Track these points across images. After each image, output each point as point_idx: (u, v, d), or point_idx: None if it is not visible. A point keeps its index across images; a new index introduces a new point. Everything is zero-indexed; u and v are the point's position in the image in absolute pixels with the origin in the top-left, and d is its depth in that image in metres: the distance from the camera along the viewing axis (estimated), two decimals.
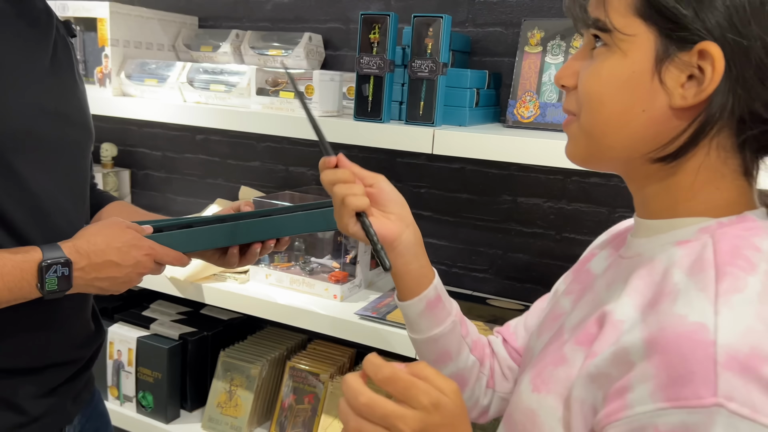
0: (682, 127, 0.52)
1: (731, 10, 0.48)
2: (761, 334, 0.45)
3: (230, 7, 1.70)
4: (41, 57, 0.81)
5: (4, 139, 0.74)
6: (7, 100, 0.74)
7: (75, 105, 0.87)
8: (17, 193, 0.76)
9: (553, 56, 1.26)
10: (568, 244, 1.42)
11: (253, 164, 1.74)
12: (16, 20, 0.78)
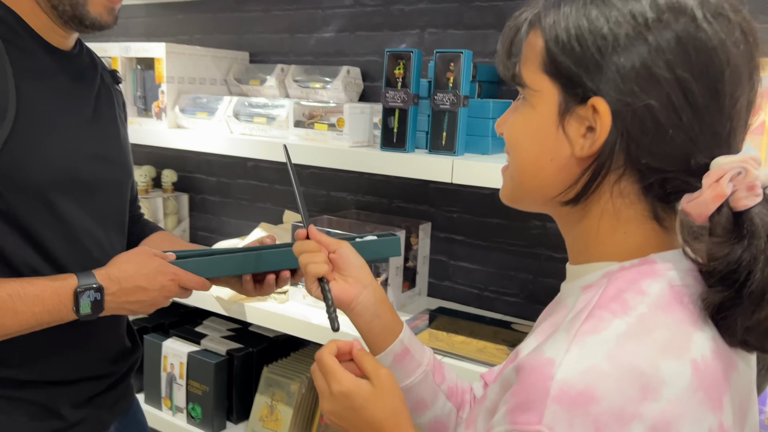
0: (582, 177, 0.56)
1: (619, 73, 0.51)
2: (602, 374, 0.47)
3: (278, 42, 1.82)
4: (84, 107, 0.93)
5: (47, 182, 0.85)
6: (49, 149, 0.85)
7: (114, 147, 0.99)
8: (57, 227, 0.87)
9: None
10: None
11: None
12: (61, 76, 0.90)
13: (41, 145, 0.84)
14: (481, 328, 1.40)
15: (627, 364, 0.47)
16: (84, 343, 0.94)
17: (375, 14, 1.65)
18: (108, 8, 0.89)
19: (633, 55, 0.51)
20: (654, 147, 0.52)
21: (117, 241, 0.99)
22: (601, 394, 0.46)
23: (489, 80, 1.44)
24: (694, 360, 0.49)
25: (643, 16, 0.51)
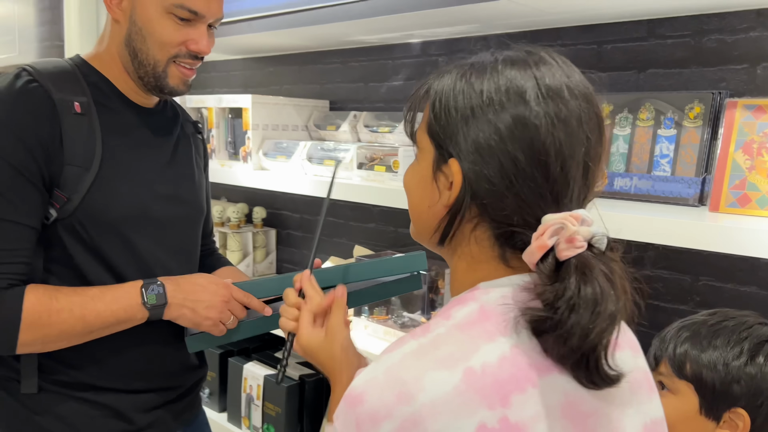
0: (441, 221, 0.66)
1: (467, 141, 0.61)
2: (375, 383, 0.58)
3: (354, 91, 1.97)
4: (161, 155, 1.10)
5: (122, 219, 1.02)
6: (124, 192, 1.02)
7: (187, 188, 1.15)
8: (132, 258, 1.03)
9: (621, 128, 1.31)
10: (652, 310, 1.40)
11: (369, 226, 1.96)
12: (143, 129, 1.08)
13: (118, 189, 1.01)
14: None
15: (395, 375, 0.57)
16: (155, 359, 1.09)
17: (440, 63, 1.76)
18: (183, 80, 1.07)
19: (477, 128, 0.61)
20: (495, 205, 0.61)
21: (187, 271, 1.14)
22: (367, 398, 0.57)
23: None
24: (470, 368, 0.57)
25: (489, 95, 0.61)
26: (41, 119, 0.94)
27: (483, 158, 0.61)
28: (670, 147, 1.25)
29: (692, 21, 1.32)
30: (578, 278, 0.56)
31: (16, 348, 0.92)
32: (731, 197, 1.12)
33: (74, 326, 0.93)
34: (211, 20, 1.05)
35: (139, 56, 1.03)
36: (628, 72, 1.41)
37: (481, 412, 0.55)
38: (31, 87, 0.95)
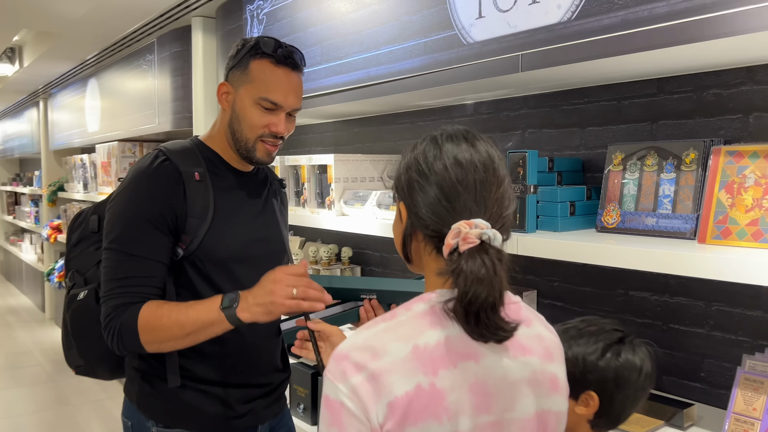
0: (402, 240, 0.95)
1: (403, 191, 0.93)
2: (357, 347, 0.85)
3: None
4: (255, 207, 1.47)
5: (229, 256, 1.38)
6: (229, 236, 1.37)
7: (274, 232, 1.51)
8: (235, 285, 1.35)
9: (631, 173, 1.52)
10: (673, 334, 1.56)
11: None
12: (242, 189, 1.45)
13: (225, 234, 1.38)
14: None
15: (369, 343, 0.85)
16: (252, 361, 1.43)
17: (489, 120, 2.04)
18: (267, 154, 1.43)
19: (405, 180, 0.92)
20: (424, 229, 0.89)
21: None
22: (350, 356, 0.85)
23: (571, 170, 1.72)
24: (416, 345, 0.84)
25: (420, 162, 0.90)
26: (172, 187, 1.34)
27: (411, 199, 0.90)
28: (671, 188, 1.45)
29: (693, 78, 1.52)
30: (465, 260, 0.81)
31: (142, 345, 1.28)
32: (716, 230, 1.30)
33: (172, 328, 1.27)
34: (289, 110, 1.42)
35: (236, 135, 1.41)
36: (643, 123, 1.63)
37: (419, 376, 0.82)
38: (165, 164, 1.36)
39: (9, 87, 5.72)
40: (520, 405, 0.88)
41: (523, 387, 0.88)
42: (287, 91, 1.38)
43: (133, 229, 1.32)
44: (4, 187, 9.06)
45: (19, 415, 3.91)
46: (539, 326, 0.97)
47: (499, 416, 0.86)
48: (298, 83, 1.41)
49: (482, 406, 0.85)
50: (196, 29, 3.09)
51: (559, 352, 0.98)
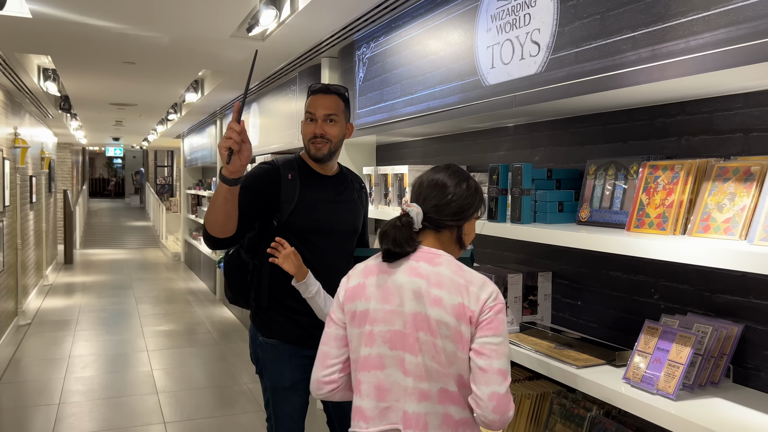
0: None
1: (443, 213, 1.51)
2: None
3: (478, 158, 2.91)
4: (332, 197, 2.20)
5: (305, 228, 2.12)
6: (308, 215, 2.13)
7: (344, 215, 2.22)
8: (312, 250, 2.12)
9: (599, 181, 2.04)
10: (630, 302, 2.05)
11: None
12: (322, 186, 2.19)
13: (304, 215, 2.14)
14: (557, 338, 2.17)
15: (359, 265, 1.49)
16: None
17: (523, 138, 2.61)
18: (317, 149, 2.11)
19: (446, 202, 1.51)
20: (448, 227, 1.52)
21: (343, 258, 2.21)
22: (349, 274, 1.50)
23: (569, 178, 2.25)
24: (366, 265, 1.59)
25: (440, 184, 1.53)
26: (275, 182, 2.13)
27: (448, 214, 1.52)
28: (621, 192, 1.96)
29: (649, 110, 2.01)
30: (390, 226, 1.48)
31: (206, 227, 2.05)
32: (636, 222, 1.81)
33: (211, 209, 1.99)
34: (321, 117, 2.11)
35: (303, 144, 2.17)
36: (618, 143, 2.13)
37: (360, 278, 1.52)
38: (271, 167, 2.16)
39: (194, 110, 7.15)
40: (406, 304, 1.49)
41: (409, 294, 1.49)
42: (318, 105, 2.10)
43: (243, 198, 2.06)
44: (190, 191, 10.87)
45: (192, 366, 5.07)
46: (444, 269, 1.49)
47: (394, 307, 1.49)
48: (327, 100, 2.11)
49: (385, 299, 1.49)
50: (324, 67, 3.96)
51: (452, 287, 1.46)
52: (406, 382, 1.46)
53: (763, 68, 1.36)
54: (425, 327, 1.44)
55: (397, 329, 1.47)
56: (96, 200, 30.59)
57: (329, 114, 2.11)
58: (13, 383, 4.62)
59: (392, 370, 1.47)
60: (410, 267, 1.49)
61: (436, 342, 1.43)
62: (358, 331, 1.52)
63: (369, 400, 1.49)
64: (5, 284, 5.86)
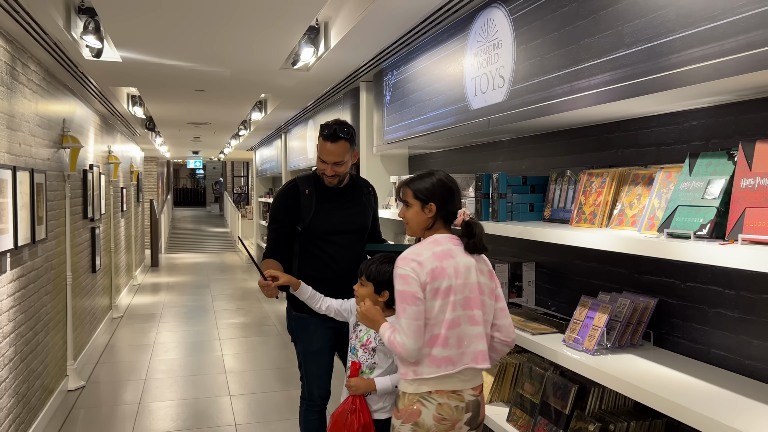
0: (430, 222, 2.07)
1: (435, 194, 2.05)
2: (407, 254, 1.99)
3: (481, 167, 3.40)
4: (342, 204, 2.77)
5: (323, 231, 2.68)
6: (325, 219, 2.69)
7: (356, 219, 2.78)
8: (327, 246, 2.69)
9: (558, 186, 2.51)
10: (580, 283, 2.50)
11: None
12: (335, 197, 2.77)
13: (320, 220, 2.72)
14: (527, 314, 2.65)
15: (412, 251, 1.99)
16: (339, 283, 2.68)
17: (516, 150, 3.09)
18: (329, 182, 2.73)
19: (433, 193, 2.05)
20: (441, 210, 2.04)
21: (355, 254, 2.77)
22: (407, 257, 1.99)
23: (541, 183, 2.73)
24: (434, 251, 1.99)
25: (433, 181, 2.05)
26: (293, 198, 2.73)
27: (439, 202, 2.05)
28: (571, 194, 2.42)
29: (597, 127, 2.46)
30: (473, 224, 2.01)
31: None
32: (576, 218, 2.28)
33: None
34: (331, 163, 2.67)
35: (318, 172, 2.76)
36: (581, 154, 2.59)
37: (435, 263, 2.00)
38: (292, 185, 2.76)
39: (260, 126, 7.96)
40: (470, 276, 2.03)
41: (471, 270, 2.03)
42: (328, 153, 2.65)
43: (274, 220, 2.74)
44: (261, 198, 11.78)
45: (257, 352, 5.78)
46: (485, 258, 2.11)
47: (464, 280, 2.01)
48: (335, 148, 2.63)
49: (458, 275, 2.01)
50: (361, 90, 4.56)
51: (482, 262, 2.08)
52: (475, 331, 2.03)
53: (640, 100, 1.82)
54: (482, 291, 2.06)
55: (468, 295, 2.02)
56: (180, 209, 32.64)
57: (338, 161, 2.67)
58: (109, 363, 5.48)
59: (465, 325, 2.02)
60: (462, 251, 2.04)
61: (486, 300, 2.06)
62: (442, 302, 1.98)
63: (454, 349, 2.01)
64: (102, 283, 6.81)
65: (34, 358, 3.87)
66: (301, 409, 2.81)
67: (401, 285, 1.97)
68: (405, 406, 2.05)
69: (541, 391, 2.37)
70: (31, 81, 3.86)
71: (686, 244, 1.58)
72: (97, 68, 4.25)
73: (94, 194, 6.02)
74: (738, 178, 1.58)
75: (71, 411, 4.29)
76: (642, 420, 2.06)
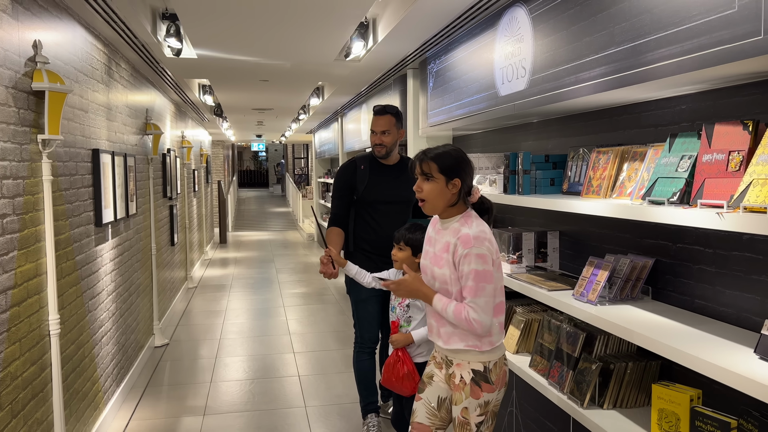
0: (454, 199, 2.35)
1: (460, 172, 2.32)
2: (476, 233, 2.10)
3: (511, 147, 3.76)
4: (390, 180, 3.22)
5: (374, 200, 3.16)
6: (376, 191, 3.17)
7: (401, 192, 3.23)
8: (376, 212, 3.17)
9: (574, 162, 2.87)
10: (594, 246, 2.86)
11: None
12: (386, 173, 3.22)
13: (372, 191, 3.18)
14: (547, 275, 3.04)
15: (478, 229, 2.13)
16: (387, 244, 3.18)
17: (542, 131, 3.45)
18: (378, 152, 3.19)
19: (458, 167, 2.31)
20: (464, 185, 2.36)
21: (401, 222, 3.22)
22: (479, 236, 2.11)
23: (559, 160, 3.08)
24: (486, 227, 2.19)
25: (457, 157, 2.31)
26: (351, 173, 3.22)
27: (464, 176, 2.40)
28: (584, 169, 2.77)
29: (608, 111, 2.79)
30: (485, 200, 2.36)
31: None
32: (587, 190, 2.64)
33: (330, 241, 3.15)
34: (379, 132, 3.14)
35: (371, 145, 3.21)
36: (598, 134, 2.93)
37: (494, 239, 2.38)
38: (351, 162, 3.25)
39: (318, 111, 8.49)
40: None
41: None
42: (376, 123, 3.16)
43: (336, 189, 3.25)
44: (320, 179, 12.38)
45: (317, 317, 6.36)
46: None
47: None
48: (382, 120, 3.16)
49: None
50: (408, 77, 4.97)
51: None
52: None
53: (626, 90, 2.17)
54: None
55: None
56: (244, 189, 33.97)
57: (384, 130, 3.16)
58: (188, 326, 6.17)
59: None
60: None
61: None
62: (498, 273, 2.17)
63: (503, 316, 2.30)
64: (179, 258, 7.54)
65: (129, 315, 4.53)
66: (355, 351, 3.32)
67: (481, 265, 2.08)
68: (498, 375, 2.17)
69: (557, 339, 2.76)
70: (122, 77, 4.47)
71: (660, 208, 1.94)
72: (176, 64, 4.83)
73: (172, 175, 6.69)
74: (701, 154, 1.92)
75: (159, 363, 4.96)
76: (639, 361, 2.43)
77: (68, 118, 3.13)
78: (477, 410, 2.14)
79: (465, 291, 2.11)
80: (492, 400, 2.16)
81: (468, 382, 2.16)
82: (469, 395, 2.15)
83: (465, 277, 2.11)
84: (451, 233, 2.22)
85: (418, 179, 2.24)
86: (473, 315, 2.07)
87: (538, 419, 2.89)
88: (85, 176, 3.41)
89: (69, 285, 3.10)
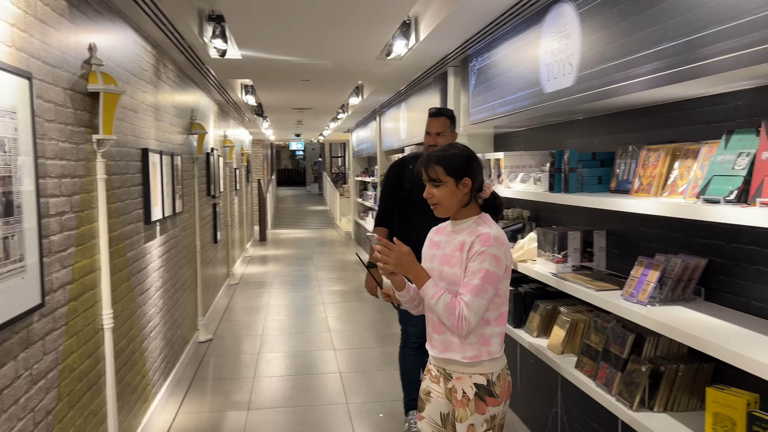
0: (466, 199, 2.33)
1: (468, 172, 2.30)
2: (494, 233, 2.01)
3: (554, 145, 3.71)
4: None
5: (416, 201, 3.15)
6: (419, 191, 3.13)
7: None
8: (414, 210, 3.18)
9: (623, 160, 2.82)
10: (646, 246, 2.80)
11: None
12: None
13: (417, 190, 3.18)
14: (594, 274, 2.99)
15: (496, 232, 2.06)
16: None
17: (589, 128, 3.39)
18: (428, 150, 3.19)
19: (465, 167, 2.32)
20: (474, 183, 2.34)
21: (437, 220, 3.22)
22: (498, 238, 2.05)
23: (606, 158, 3.03)
24: (501, 231, 2.11)
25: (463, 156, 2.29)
26: (400, 172, 3.23)
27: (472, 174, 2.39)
28: (633, 167, 2.72)
29: (659, 107, 2.73)
30: (497, 196, 2.33)
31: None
32: (636, 188, 2.59)
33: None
34: (434, 134, 3.14)
35: (424, 147, 3.21)
36: (642, 132, 2.87)
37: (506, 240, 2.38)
38: (400, 161, 3.27)
39: (357, 110, 8.53)
40: None
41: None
42: (432, 125, 3.16)
43: (384, 187, 3.27)
44: (358, 178, 12.43)
45: (356, 314, 6.40)
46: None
47: None
48: (438, 122, 3.15)
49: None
50: (449, 75, 4.95)
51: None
52: None
53: (680, 86, 2.12)
54: None
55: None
56: (282, 188, 34.36)
57: (439, 132, 3.17)
58: (230, 321, 6.28)
59: None
60: None
61: None
62: (508, 282, 2.11)
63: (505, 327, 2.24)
64: (222, 255, 7.67)
65: (176, 311, 4.64)
66: (401, 346, 3.34)
67: (493, 266, 2.00)
68: (502, 387, 2.07)
69: (605, 340, 2.72)
70: (168, 78, 4.58)
71: (716, 207, 1.89)
72: (220, 65, 4.92)
73: (215, 174, 6.81)
74: (760, 152, 1.86)
75: (203, 358, 5.07)
76: (691, 364, 2.37)
77: (120, 119, 3.22)
78: (484, 426, 2.03)
79: (466, 287, 2.02)
80: (498, 414, 2.06)
81: (471, 397, 2.04)
82: (474, 411, 2.03)
83: (472, 273, 2.01)
84: (467, 233, 2.14)
85: (426, 186, 2.16)
86: (466, 313, 1.97)
87: (584, 420, 2.85)
88: (135, 175, 3.50)
89: (121, 281, 3.19)
